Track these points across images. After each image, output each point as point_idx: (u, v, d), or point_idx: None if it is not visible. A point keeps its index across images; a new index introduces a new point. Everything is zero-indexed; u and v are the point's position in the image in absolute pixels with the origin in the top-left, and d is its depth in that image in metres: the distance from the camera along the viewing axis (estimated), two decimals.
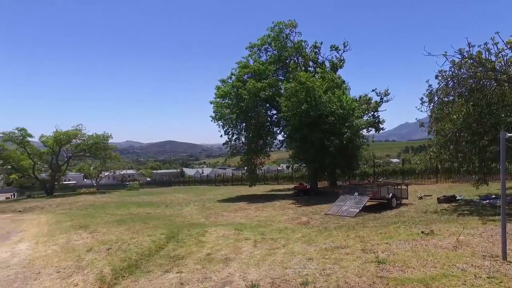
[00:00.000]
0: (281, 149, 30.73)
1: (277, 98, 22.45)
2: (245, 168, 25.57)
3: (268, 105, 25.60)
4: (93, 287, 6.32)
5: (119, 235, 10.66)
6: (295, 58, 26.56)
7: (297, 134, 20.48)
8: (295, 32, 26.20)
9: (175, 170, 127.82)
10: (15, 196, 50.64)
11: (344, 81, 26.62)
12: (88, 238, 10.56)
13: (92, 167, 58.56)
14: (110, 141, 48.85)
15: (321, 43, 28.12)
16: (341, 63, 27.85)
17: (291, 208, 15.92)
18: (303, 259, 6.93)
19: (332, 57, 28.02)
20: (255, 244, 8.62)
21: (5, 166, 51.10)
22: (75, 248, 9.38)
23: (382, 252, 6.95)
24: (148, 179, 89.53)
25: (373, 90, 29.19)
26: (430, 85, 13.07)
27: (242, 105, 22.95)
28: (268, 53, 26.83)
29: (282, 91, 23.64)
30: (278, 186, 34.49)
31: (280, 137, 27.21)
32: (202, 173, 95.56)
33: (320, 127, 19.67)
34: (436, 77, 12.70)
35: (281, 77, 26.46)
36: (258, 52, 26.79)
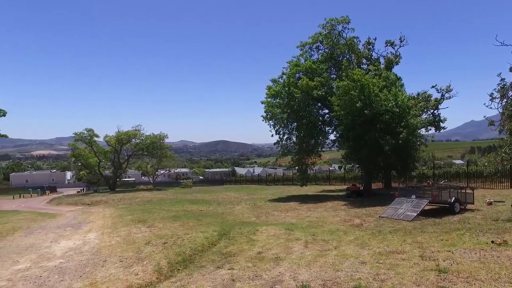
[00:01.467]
0: (332, 149, 30.01)
1: (329, 97, 21.96)
2: (296, 168, 25.39)
3: (320, 104, 25.14)
4: (152, 278, 6.69)
5: (174, 230, 11.17)
6: (347, 56, 25.75)
7: (350, 134, 19.87)
8: (348, 29, 25.33)
9: (227, 169, 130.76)
10: (84, 191, 55.45)
11: (399, 77, 25.27)
12: (146, 232, 11.21)
13: (149, 165, 62.09)
14: (166, 140, 51.54)
15: (375, 39, 26.95)
16: (397, 59, 26.43)
17: (343, 209, 15.49)
18: (356, 263, 6.70)
19: (387, 53, 26.71)
20: (306, 244, 8.53)
21: (76, 163, 56.36)
22: (135, 240, 10.01)
23: (444, 261, 6.45)
24: (201, 177, 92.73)
25: (433, 87, 27.33)
26: (502, 79, 11.80)
27: (293, 104, 22.80)
28: (320, 51, 26.30)
29: (334, 89, 23.09)
30: (329, 186, 33.77)
31: (332, 136, 26.60)
32: (253, 172, 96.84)
33: (375, 126, 18.89)
34: (511, 69, 11.45)
35: (333, 76, 25.83)
36: (310, 50, 26.38)
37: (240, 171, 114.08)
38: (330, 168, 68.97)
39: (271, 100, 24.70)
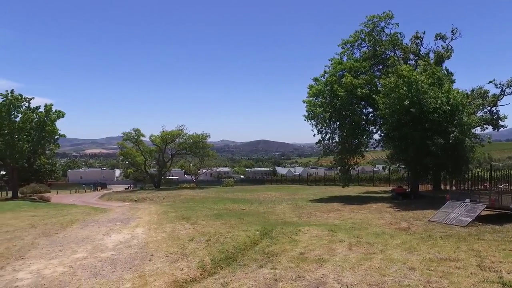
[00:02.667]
0: (377, 149, 29.00)
1: (374, 96, 21.20)
2: (338, 168, 24.84)
3: (363, 103, 24.40)
4: (196, 273, 6.86)
5: (217, 228, 11.39)
6: (392, 52, 24.70)
7: (395, 133, 19.03)
8: (391, 24, 24.31)
9: (268, 169, 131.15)
10: (131, 188, 58.40)
11: (451, 72, 23.79)
12: (190, 229, 11.53)
13: (191, 164, 63.79)
14: (208, 140, 52.72)
15: (424, 33, 25.59)
16: (449, 53, 24.88)
17: (388, 211, 14.88)
18: (404, 268, 6.40)
19: (437, 47, 25.25)
20: (350, 247, 8.29)
21: (124, 162, 59.54)
22: (180, 237, 10.33)
23: (508, 273, 5.90)
24: (242, 176, 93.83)
25: (490, 82, 25.43)
26: None
27: (336, 103, 22.31)
28: (362, 49, 25.53)
29: (379, 87, 22.26)
30: (373, 188, 32.64)
31: (376, 136, 25.70)
32: (294, 172, 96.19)
33: (422, 125, 17.92)
34: None
35: (377, 73, 24.93)
36: (351, 48, 25.69)
37: (281, 170, 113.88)
38: (374, 169, 66.60)
39: (313, 99, 24.37)
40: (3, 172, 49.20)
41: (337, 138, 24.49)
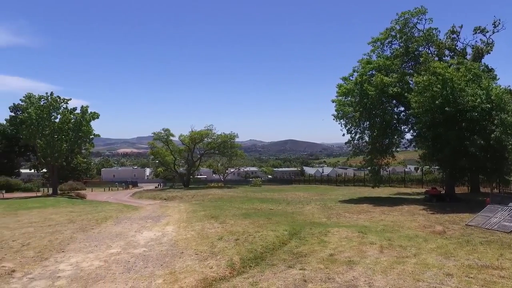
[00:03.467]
0: (408, 149, 28.02)
1: (406, 94, 20.50)
2: (368, 168, 24.21)
3: (395, 101, 23.66)
4: (225, 272, 6.91)
5: (245, 227, 11.43)
6: (425, 48, 23.76)
7: (429, 133, 18.29)
8: (425, 19, 23.35)
9: (295, 169, 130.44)
10: (161, 186, 59.95)
11: (491, 68, 22.55)
12: (218, 228, 11.65)
13: (219, 164, 64.60)
14: (236, 140, 53.22)
15: (461, 27, 24.40)
16: (489, 48, 23.56)
17: (421, 214, 14.33)
18: (440, 274, 6.13)
19: (476, 41, 23.98)
20: (381, 249, 8.06)
21: (154, 161, 61.22)
22: (209, 235, 10.47)
23: None
24: (269, 176, 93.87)
25: None
26: None
27: (366, 102, 21.78)
28: (393, 46, 24.74)
29: (411, 86, 21.49)
30: (405, 189, 31.61)
31: (408, 136, 24.82)
32: (322, 172, 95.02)
33: (459, 125, 17.12)
34: None
35: (409, 71, 24.08)
36: (382, 46, 24.98)
37: (309, 170, 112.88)
38: (405, 170, 64.44)
39: (342, 98, 23.94)
40: (44, 170, 51.93)
41: (367, 138, 23.90)
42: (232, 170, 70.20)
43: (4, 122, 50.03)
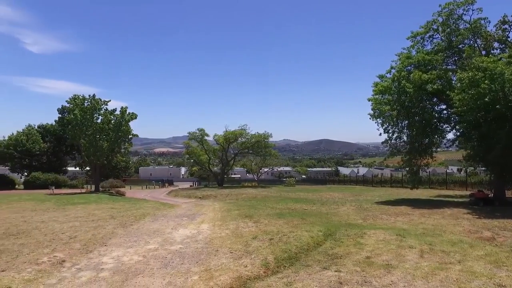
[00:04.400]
0: (450, 149, 26.64)
1: (447, 91, 19.45)
2: (406, 169, 23.27)
3: (435, 99, 22.53)
4: (259, 271, 6.92)
5: (279, 227, 11.39)
6: (471, 41, 22.27)
7: (474, 132, 17.27)
8: (472, 10, 21.81)
9: (330, 169, 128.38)
10: (196, 185, 61.26)
11: None
12: (252, 227, 11.69)
13: (253, 163, 64.92)
14: (270, 139, 53.21)
15: None
16: None
17: (466, 218, 13.53)
18: (490, 284, 5.74)
19: None
20: (422, 254, 7.71)
21: (189, 160, 62.68)
22: (243, 234, 10.53)
23: None
24: (303, 176, 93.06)
25: None
26: None
27: (404, 100, 20.92)
28: (434, 40, 23.48)
29: (454, 82, 20.36)
30: (446, 191, 30.08)
31: (450, 135, 23.56)
32: (358, 172, 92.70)
33: (510, 123, 15.99)
34: None
35: (452, 67, 22.80)
36: (422, 41, 23.77)
37: (344, 171, 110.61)
38: (447, 171, 61.27)
39: (379, 97, 23.15)
40: (88, 168, 54.86)
41: (405, 138, 22.97)
42: (265, 169, 70.32)
43: (53, 123, 53.56)
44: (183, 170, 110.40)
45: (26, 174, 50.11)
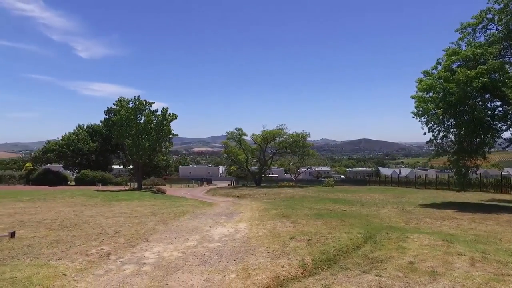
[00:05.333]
0: (507, 149, 24.66)
1: (503, 87, 17.98)
2: (453, 170, 21.92)
3: (488, 95, 20.96)
4: (297, 272, 6.84)
5: (317, 228, 11.20)
6: None
7: None
8: None
9: (370, 169, 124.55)
10: (234, 184, 62.02)
11: None
12: (290, 227, 11.59)
13: (291, 163, 64.48)
14: (308, 139, 52.56)
15: None
16: None
17: None
18: None
19: None
20: (473, 262, 7.18)
21: (227, 159, 63.60)
22: (280, 234, 10.47)
23: None
24: (342, 176, 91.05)
25: None
26: None
27: (450, 98, 19.69)
28: (488, 31, 21.74)
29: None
30: (501, 195, 28.00)
31: (507, 134, 21.75)
32: (400, 173, 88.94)
33: None
34: None
35: (509, 59, 20.97)
36: (473, 33, 22.15)
37: (385, 171, 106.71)
38: (502, 173, 56.89)
39: (423, 94, 22.01)
40: (131, 167, 57.54)
41: (452, 137, 21.64)
42: (303, 169, 69.64)
43: (100, 124, 56.78)
44: (221, 169, 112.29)
45: (77, 171, 53.58)
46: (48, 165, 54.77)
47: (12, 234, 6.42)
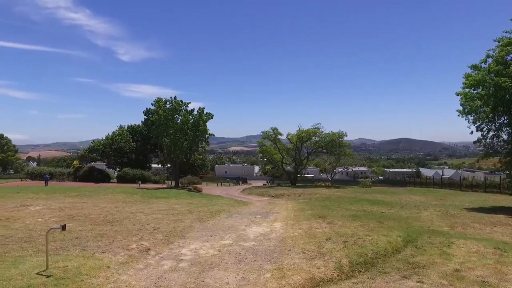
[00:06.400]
0: None
1: None
2: (506, 172, 20.43)
3: None
4: (333, 274, 6.69)
5: (354, 229, 10.89)
6: None
7: None
8: None
9: (410, 170, 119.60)
10: (269, 183, 62.04)
11: None
12: (326, 228, 11.37)
13: (327, 163, 63.42)
14: (344, 138, 51.39)
15: None
16: None
17: None
18: None
19: None
20: None
21: (263, 159, 63.79)
22: (316, 235, 10.30)
23: None
24: (380, 177, 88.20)
25: None
26: None
27: (503, 94, 18.31)
28: None
29: None
30: None
31: None
32: (443, 174, 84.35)
33: None
34: None
35: None
36: None
37: (426, 172, 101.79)
38: None
39: (470, 90, 20.68)
40: (169, 165, 59.43)
41: (504, 136, 20.14)
42: (340, 169, 68.24)
43: (140, 124, 59.20)
44: (256, 168, 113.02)
45: (118, 169, 56.26)
46: (93, 163, 57.98)
47: (63, 227, 6.95)
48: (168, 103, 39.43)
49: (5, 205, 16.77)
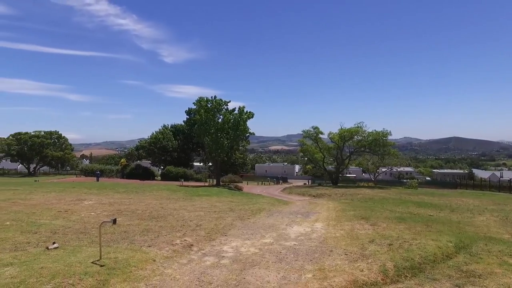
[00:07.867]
0: None
1: None
2: None
3: None
4: (377, 277, 6.45)
5: (399, 232, 10.44)
6: None
7: None
8: None
9: (461, 171, 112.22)
10: (309, 183, 61.28)
11: None
12: (369, 230, 11.01)
13: (370, 162, 61.34)
14: (388, 137, 49.38)
15: None
16: None
17: None
18: None
19: None
20: None
21: (303, 158, 63.16)
22: (359, 236, 10.01)
23: None
24: (428, 178, 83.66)
25: None
26: None
27: None
28: None
29: None
30: None
31: None
32: (501, 176, 78.12)
33: None
34: None
35: None
36: None
37: (481, 174, 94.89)
38: None
39: None
40: (210, 164, 60.86)
41: None
42: (383, 169, 65.72)
43: (182, 123, 61.17)
44: (297, 167, 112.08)
45: (162, 167, 58.57)
46: (139, 161, 60.90)
47: (114, 221, 7.44)
48: (209, 102, 40.28)
49: (64, 199, 18.20)
